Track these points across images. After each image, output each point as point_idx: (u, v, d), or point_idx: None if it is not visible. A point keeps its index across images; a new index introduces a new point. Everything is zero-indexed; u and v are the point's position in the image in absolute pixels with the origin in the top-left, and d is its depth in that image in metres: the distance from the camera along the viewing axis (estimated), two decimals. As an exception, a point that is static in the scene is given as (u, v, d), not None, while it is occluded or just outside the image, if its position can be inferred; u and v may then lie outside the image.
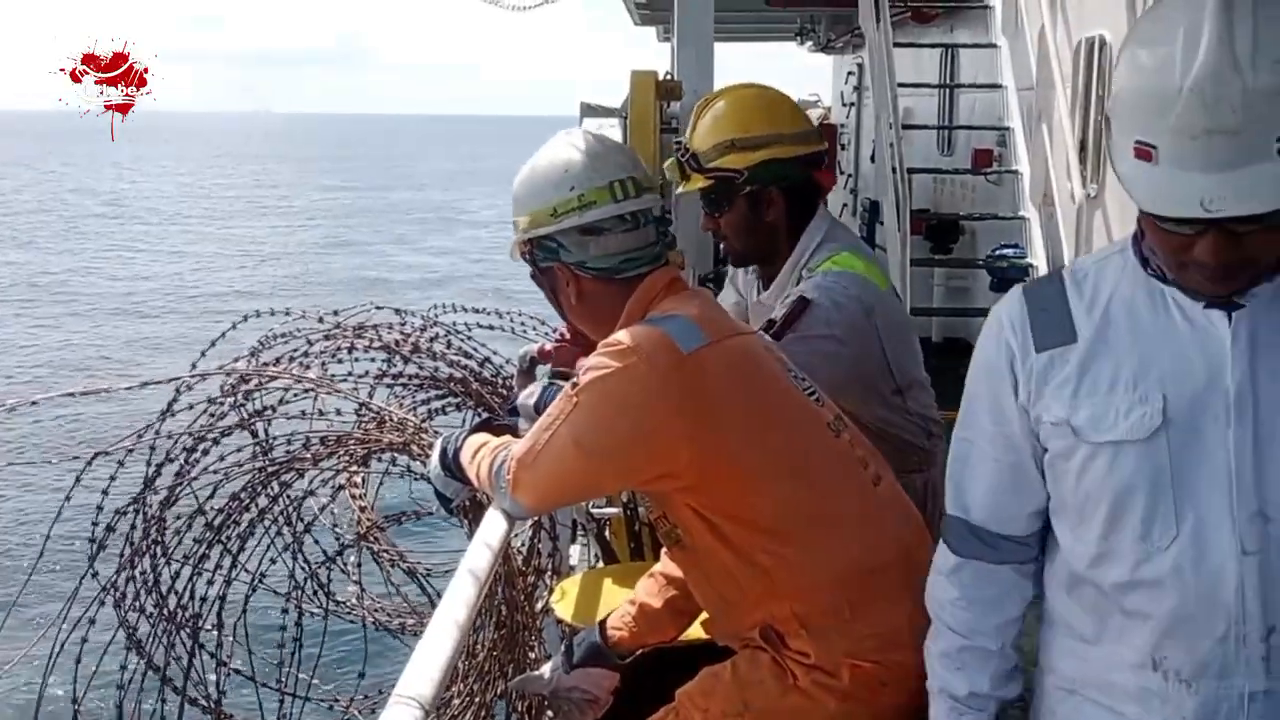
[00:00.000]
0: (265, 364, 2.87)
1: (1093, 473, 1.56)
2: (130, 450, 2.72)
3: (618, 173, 2.11)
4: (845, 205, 13.23)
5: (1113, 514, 1.54)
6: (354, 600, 3.15)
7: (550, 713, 2.38)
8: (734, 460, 1.94)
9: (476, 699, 2.64)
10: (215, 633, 2.88)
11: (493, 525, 2.05)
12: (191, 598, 2.82)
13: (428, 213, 48.42)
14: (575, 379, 2.00)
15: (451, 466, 2.22)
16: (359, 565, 3.12)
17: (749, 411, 1.96)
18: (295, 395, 2.85)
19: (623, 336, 1.97)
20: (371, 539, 2.99)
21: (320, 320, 2.97)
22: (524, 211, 2.13)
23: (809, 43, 14.61)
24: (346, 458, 2.79)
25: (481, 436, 2.20)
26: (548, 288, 2.18)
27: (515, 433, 2.25)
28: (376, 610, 3.16)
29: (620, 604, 2.40)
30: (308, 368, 2.86)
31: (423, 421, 2.84)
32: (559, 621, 2.77)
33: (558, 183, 2.09)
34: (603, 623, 2.36)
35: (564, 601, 2.77)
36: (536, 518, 2.90)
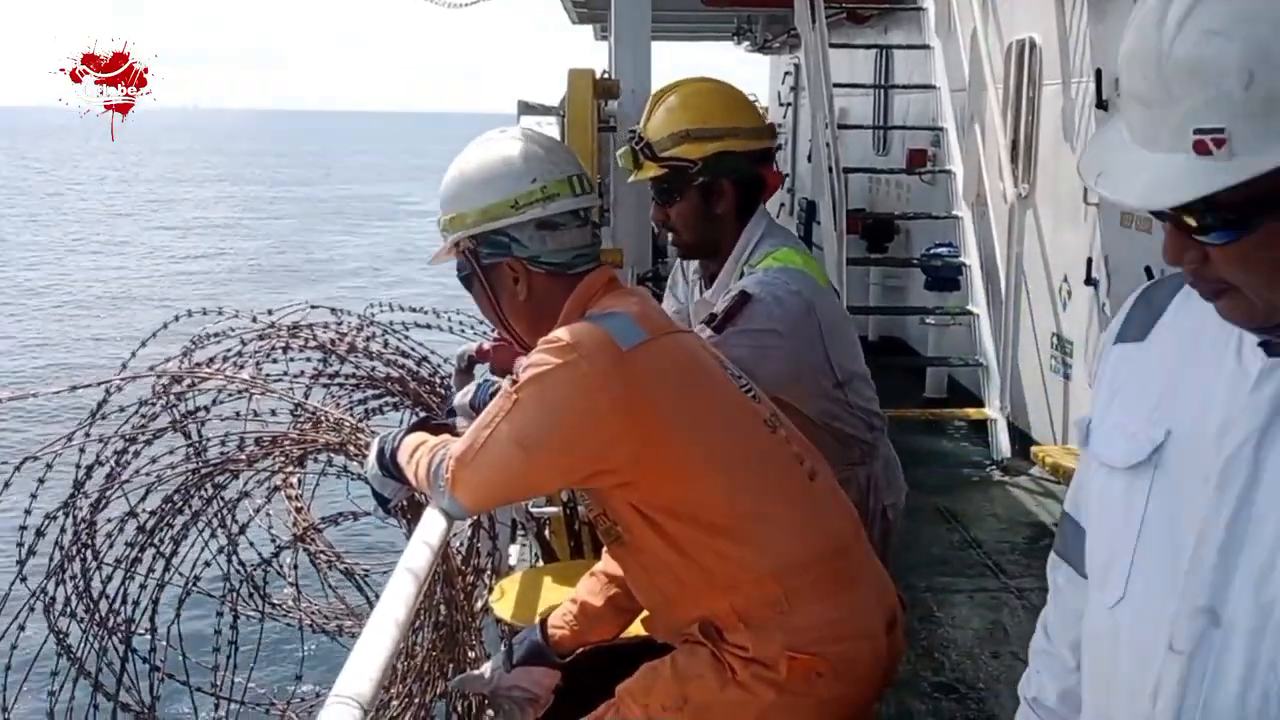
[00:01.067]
0: (198, 364, 2.82)
1: (1092, 491, 1.34)
2: (59, 454, 2.67)
3: (572, 168, 2.12)
4: (782, 205, 13.34)
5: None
6: (290, 602, 3.12)
7: (491, 712, 2.37)
8: (673, 456, 1.95)
9: (416, 699, 2.62)
10: (148, 637, 2.84)
11: (431, 524, 2.04)
12: (124, 602, 2.78)
13: (370, 205, 48.28)
14: (515, 376, 2.00)
15: (389, 466, 2.21)
16: (295, 567, 3.08)
17: (688, 408, 1.98)
18: (229, 396, 2.81)
19: (562, 334, 1.96)
20: (308, 540, 2.96)
21: (254, 319, 2.94)
22: (471, 205, 2.09)
23: (746, 43, 14.68)
24: (282, 458, 2.76)
25: (419, 435, 2.19)
26: (485, 287, 2.14)
27: (453, 431, 2.24)
28: (314, 612, 3.13)
29: (560, 602, 2.40)
30: (241, 368, 2.82)
31: (360, 421, 2.82)
32: (498, 621, 2.77)
33: (517, 175, 2.07)
34: (543, 621, 2.36)
35: (503, 600, 2.77)
36: (475, 517, 2.89)
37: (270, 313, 3.01)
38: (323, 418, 2.73)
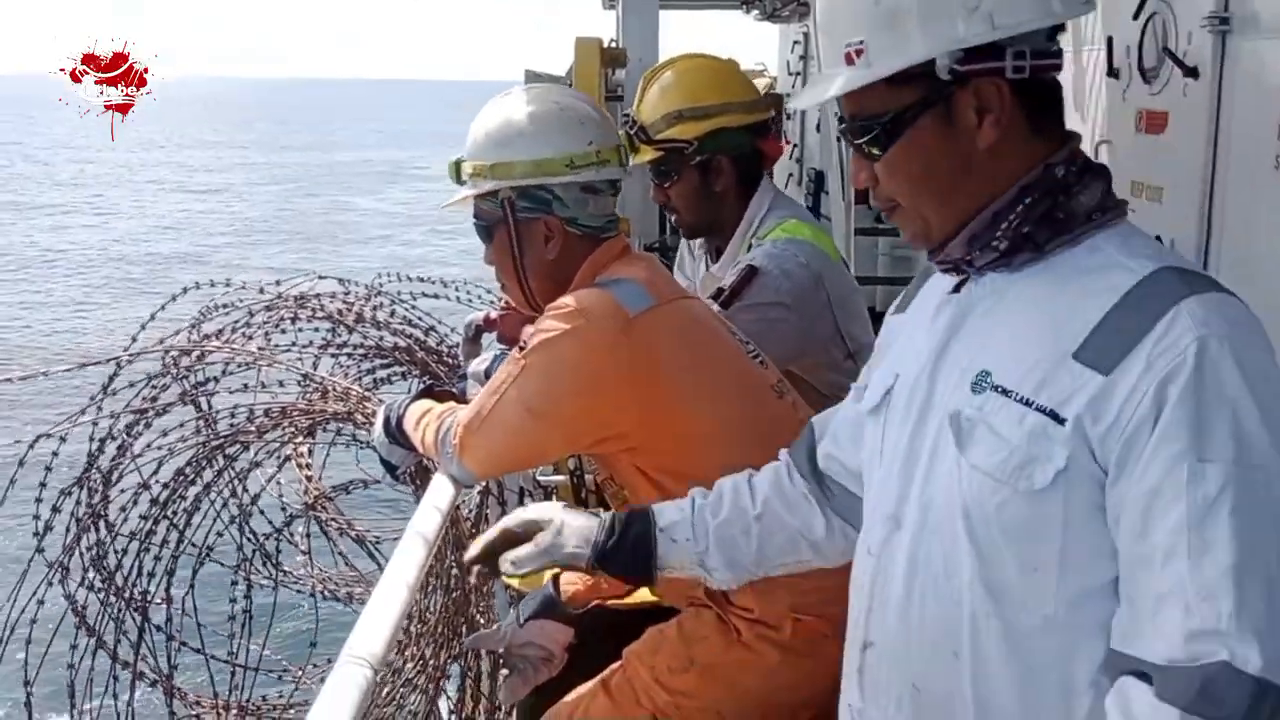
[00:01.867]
0: (206, 336, 2.84)
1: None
2: (70, 429, 2.69)
3: (617, 138, 2.14)
4: (791, 175, 13.27)
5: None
6: (303, 570, 3.15)
7: (505, 672, 2.40)
8: (680, 420, 1.97)
9: (430, 662, 2.65)
10: (164, 607, 2.87)
11: (440, 489, 2.06)
12: (140, 574, 2.80)
13: (383, 170, 48.42)
14: (523, 342, 2.01)
15: (395, 433, 2.22)
16: (308, 535, 3.11)
17: (695, 373, 1.99)
18: (238, 367, 2.83)
19: (570, 300, 1.98)
20: (319, 508, 2.98)
21: (261, 291, 2.95)
22: (523, 155, 2.06)
23: (755, 11, 14.54)
24: (291, 429, 2.78)
25: (425, 403, 2.21)
26: (513, 240, 2.12)
27: (460, 399, 2.26)
28: (325, 579, 3.16)
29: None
30: (250, 338, 2.83)
31: (368, 391, 2.84)
32: (507, 588, 2.79)
33: (575, 135, 2.07)
34: (556, 577, 2.38)
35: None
36: (484, 483, 2.91)
37: (278, 283, 3.02)
38: (330, 388, 2.74)
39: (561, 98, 2.13)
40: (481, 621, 2.72)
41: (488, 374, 2.37)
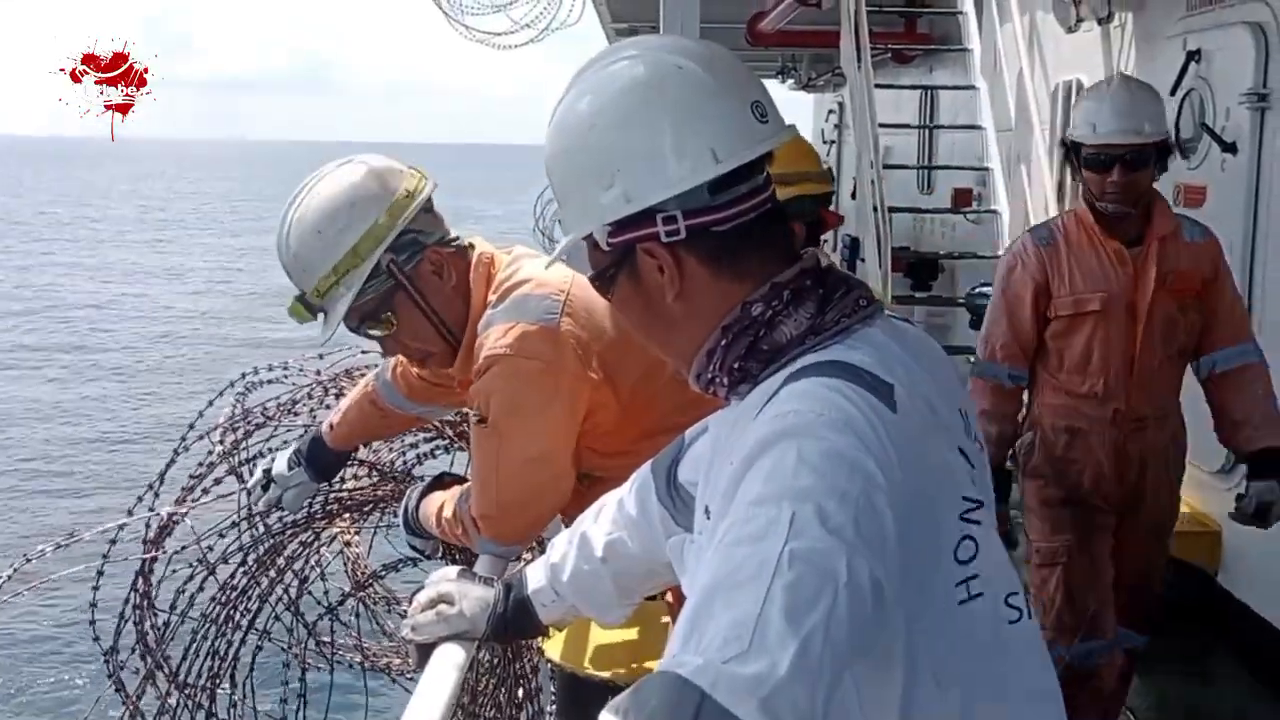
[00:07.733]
0: (251, 410, 2.87)
1: None
2: (122, 522, 2.75)
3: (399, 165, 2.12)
4: (825, 241, 13.32)
5: None
6: (352, 647, 3.15)
7: None
8: (650, 374, 2.02)
9: None
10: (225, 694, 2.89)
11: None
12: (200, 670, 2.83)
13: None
14: (477, 414, 2.03)
15: (412, 525, 2.28)
16: (357, 616, 3.12)
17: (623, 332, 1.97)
18: (283, 445, 2.86)
19: (493, 349, 1.99)
20: (368, 586, 3.00)
21: (300, 370, 2.97)
22: (370, 218, 1.99)
23: (790, 80, 14.76)
24: (335, 511, 2.82)
25: (438, 497, 2.24)
26: (415, 295, 2.06)
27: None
28: (370, 653, 3.16)
29: (608, 642, 2.41)
30: (297, 415, 2.87)
31: (412, 465, 2.88)
32: (549, 662, 2.78)
33: (386, 177, 2.04)
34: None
35: (553, 641, 2.78)
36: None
37: (321, 356, 3.04)
38: (369, 470, 2.79)
39: (340, 171, 2.06)
40: (528, 689, 2.72)
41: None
